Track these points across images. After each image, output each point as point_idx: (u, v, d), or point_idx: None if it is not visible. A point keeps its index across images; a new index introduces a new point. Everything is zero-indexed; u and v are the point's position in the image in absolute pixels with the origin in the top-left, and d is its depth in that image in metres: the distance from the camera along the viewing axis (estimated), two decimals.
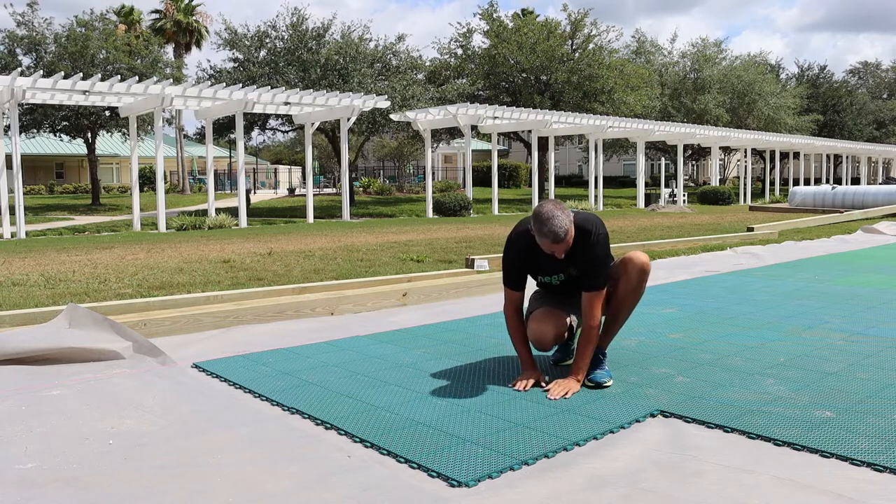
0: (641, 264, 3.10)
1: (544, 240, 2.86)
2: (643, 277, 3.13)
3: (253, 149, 54.62)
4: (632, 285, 3.12)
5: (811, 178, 42.86)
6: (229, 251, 9.52)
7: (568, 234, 2.85)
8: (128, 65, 23.49)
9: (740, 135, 32.92)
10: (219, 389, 3.18)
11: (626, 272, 3.11)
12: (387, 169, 55.53)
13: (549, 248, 2.90)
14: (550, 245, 2.87)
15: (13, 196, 15.25)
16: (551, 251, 2.92)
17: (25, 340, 3.61)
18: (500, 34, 31.14)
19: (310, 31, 26.29)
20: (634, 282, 3.12)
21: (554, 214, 2.83)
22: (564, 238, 2.85)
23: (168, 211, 19.40)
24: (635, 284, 3.12)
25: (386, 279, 6.07)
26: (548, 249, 2.92)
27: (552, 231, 2.82)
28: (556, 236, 2.83)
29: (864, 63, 66.44)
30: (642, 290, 3.17)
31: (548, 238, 2.84)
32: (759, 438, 2.45)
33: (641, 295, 3.18)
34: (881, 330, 4.18)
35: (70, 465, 2.29)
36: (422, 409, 2.79)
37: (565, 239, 2.85)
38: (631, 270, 3.11)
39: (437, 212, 22.16)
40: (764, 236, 11.05)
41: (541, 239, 2.88)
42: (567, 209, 2.89)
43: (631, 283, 3.11)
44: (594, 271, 3.01)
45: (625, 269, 3.11)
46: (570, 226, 2.86)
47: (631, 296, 3.14)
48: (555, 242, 2.85)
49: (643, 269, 3.11)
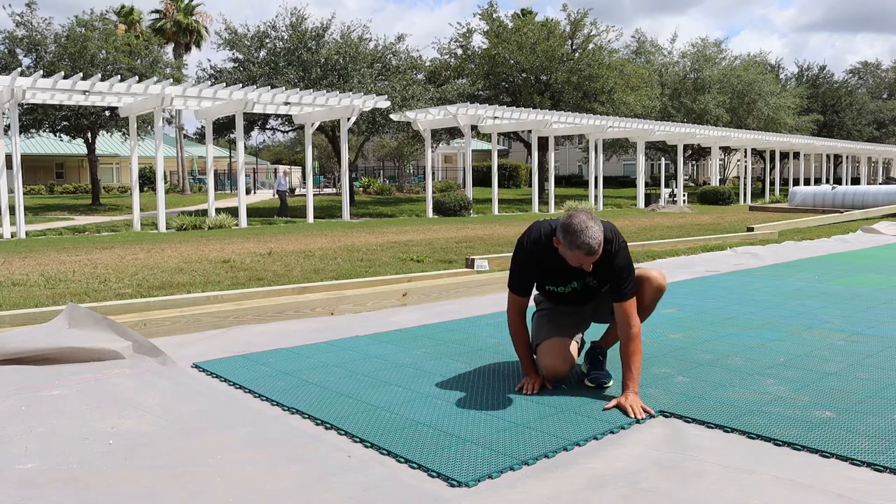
0: (658, 285, 3.07)
1: (577, 252, 2.72)
2: (658, 297, 3.11)
3: (253, 149, 54.61)
4: (645, 304, 3.07)
5: (811, 178, 42.84)
6: (229, 251, 9.52)
7: (601, 246, 2.73)
8: (128, 65, 23.48)
9: (740, 135, 32.91)
10: (219, 389, 3.18)
11: (642, 291, 3.03)
12: (387, 169, 55.51)
13: (579, 260, 2.76)
14: (582, 258, 2.74)
15: (13, 196, 15.25)
16: (579, 263, 2.78)
17: (25, 340, 3.61)
18: (500, 34, 31.14)
19: (309, 32, 26.29)
20: (648, 300, 3.08)
21: (587, 226, 2.69)
22: (598, 251, 2.72)
23: (168, 211, 19.39)
24: (648, 303, 3.09)
25: (386, 279, 6.07)
26: (575, 262, 2.79)
27: (586, 244, 2.69)
28: (591, 249, 2.70)
29: (864, 63, 66.40)
30: (654, 307, 3.16)
31: (581, 251, 2.70)
32: (759, 438, 2.45)
33: (652, 310, 3.17)
34: (881, 330, 4.18)
35: (70, 465, 2.29)
36: (422, 409, 2.79)
37: (598, 251, 2.73)
38: (647, 290, 3.06)
39: (437, 212, 22.16)
40: (764, 236, 11.05)
41: (572, 251, 2.73)
42: (599, 219, 2.78)
43: (644, 302, 3.06)
44: (621, 281, 2.90)
45: (641, 287, 3.03)
46: (602, 237, 2.74)
47: (643, 313, 3.08)
48: (588, 255, 2.72)
49: (659, 289, 3.08)
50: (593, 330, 3.39)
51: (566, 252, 2.78)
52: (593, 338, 3.33)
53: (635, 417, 2.67)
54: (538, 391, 3.00)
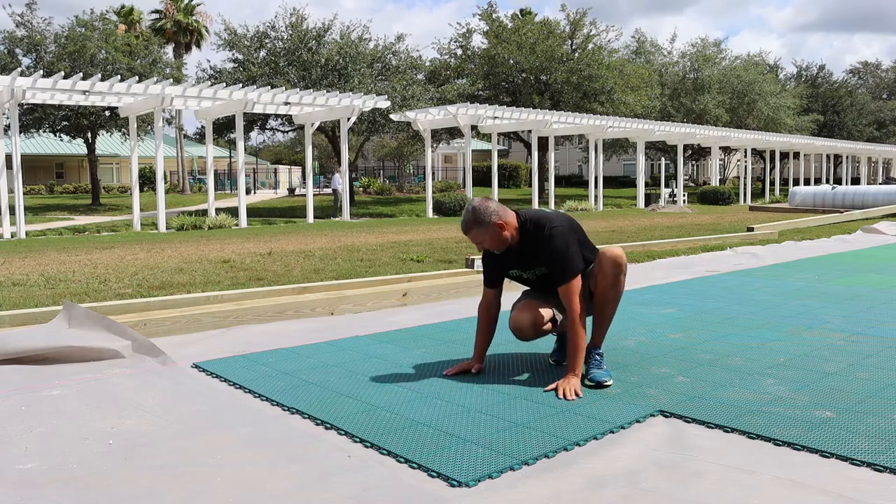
0: (614, 256, 3.12)
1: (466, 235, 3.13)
2: (618, 270, 3.12)
3: (253, 149, 54.60)
4: (609, 280, 3.12)
5: (811, 178, 42.85)
6: (229, 251, 9.52)
7: (471, 229, 3.07)
8: (127, 65, 23.48)
9: (740, 135, 32.91)
10: (219, 389, 3.18)
11: (601, 268, 3.13)
12: (387, 169, 55.49)
13: (469, 240, 3.18)
14: (467, 237, 3.12)
15: (13, 196, 15.25)
16: (480, 246, 3.16)
17: (25, 340, 3.61)
18: (500, 34, 31.15)
19: (309, 32, 26.29)
20: (610, 276, 3.12)
21: (466, 210, 3.11)
22: (467, 232, 3.09)
23: (168, 211, 19.39)
24: (612, 279, 3.12)
25: (386, 279, 6.06)
26: (476, 244, 3.14)
27: (462, 221, 3.11)
28: (462, 226, 3.11)
29: (864, 63, 66.40)
30: (621, 284, 3.16)
31: (461, 224, 3.12)
32: (759, 438, 2.45)
33: (621, 288, 3.18)
34: (881, 330, 4.18)
35: (70, 465, 2.29)
36: (422, 409, 2.79)
37: (469, 233, 3.09)
38: (605, 264, 3.12)
39: (437, 212, 22.17)
40: (764, 236, 11.05)
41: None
42: (490, 206, 3.07)
43: (607, 278, 3.12)
44: (556, 265, 3.07)
45: (600, 264, 3.14)
46: (473, 222, 3.05)
47: (611, 291, 3.14)
48: (465, 233, 3.11)
49: (615, 262, 3.11)
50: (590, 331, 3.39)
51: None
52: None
53: (564, 398, 2.89)
54: (453, 374, 3.25)
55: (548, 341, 3.70)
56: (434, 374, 3.32)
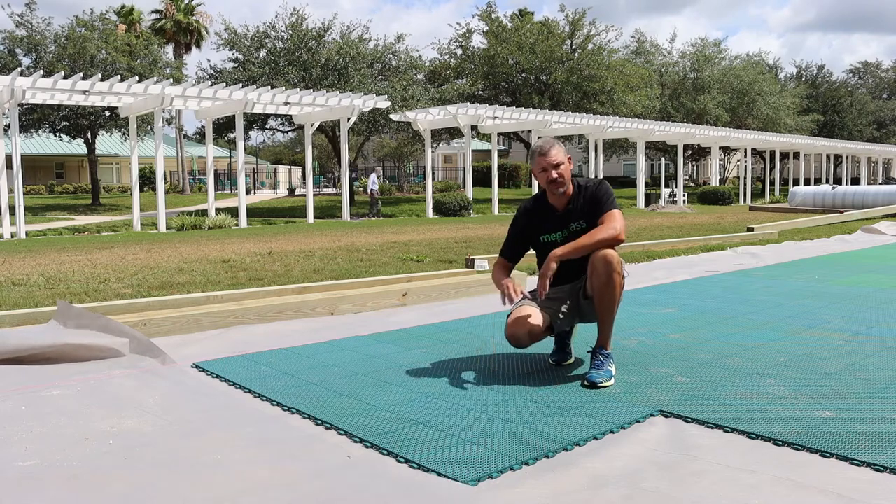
0: (603, 255, 3.09)
1: (538, 161, 3.25)
2: (609, 269, 3.08)
3: (253, 149, 54.61)
4: (602, 279, 3.09)
5: (811, 178, 42.87)
6: (229, 251, 9.52)
7: (553, 147, 3.24)
8: (127, 65, 23.48)
9: (740, 135, 32.91)
10: (219, 389, 3.18)
11: (593, 268, 3.12)
12: (387, 169, 55.47)
13: (542, 166, 3.24)
14: (542, 162, 3.23)
15: (13, 196, 15.25)
16: (544, 170, 3.24)
17: (25, 338, 3.61)
18: (499, 34, 31.15)
19: (309, 32, 26.30)
20: (603, 275, 3.09)
21: (543, 140, 3.29)
22: (549, 150, 3.23)
23: (168, 211, 19.39)
24: (605, 278, 3.09)
25: (386, 279, 6.06)
26: (543, 175, 3.25)
27: (538, 146, 3.25)
28: (542, 149, 3.24)
29: (864, 63, 66.30)
30: (616, 283, 3.10)
31: (537, 152, 3.25)
32: (759, 438, 2.45)
33: (618, 287, 3.12)
34: (881, 330, 4.18)
35: (70, 465, 2.29)
36: (422, 409, 2.79)
37: (550, 151, 3.23)
38: (596, 264, 3.10)
39: (437, 212, 22.16)
40: (764, 236, 11.05)
41: (535, 164, 3.27)
42: (562, 145, 3.30)
43: (600, 277, 3.09)
44: (607, 199, 3.23)
45: (592, 265, 3.12)
46: (553, 143, 3.26)
47: (606, 290, 3.10)
48: (541, 155, 3.23)
49: (606, 261, 3.08)
50: (591, 331, 3.38)
51: (535, 171, 3.30)
52: (592, 341, 3.33)
53: (543, 290, 3.13)
54: (519, 295, 3.20)
55: (548, 341, 3.69)
56: (434, 374, 3.32)
